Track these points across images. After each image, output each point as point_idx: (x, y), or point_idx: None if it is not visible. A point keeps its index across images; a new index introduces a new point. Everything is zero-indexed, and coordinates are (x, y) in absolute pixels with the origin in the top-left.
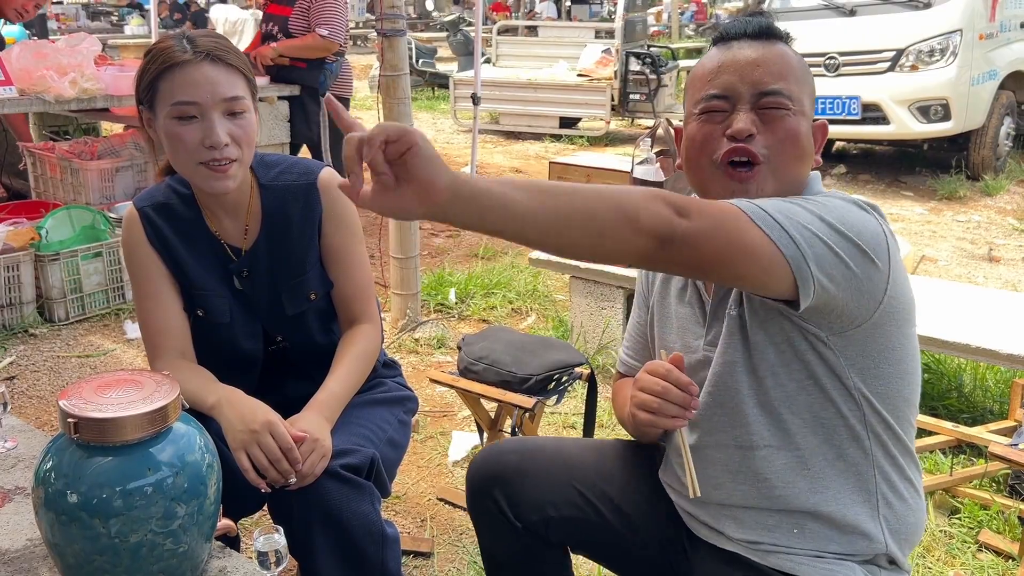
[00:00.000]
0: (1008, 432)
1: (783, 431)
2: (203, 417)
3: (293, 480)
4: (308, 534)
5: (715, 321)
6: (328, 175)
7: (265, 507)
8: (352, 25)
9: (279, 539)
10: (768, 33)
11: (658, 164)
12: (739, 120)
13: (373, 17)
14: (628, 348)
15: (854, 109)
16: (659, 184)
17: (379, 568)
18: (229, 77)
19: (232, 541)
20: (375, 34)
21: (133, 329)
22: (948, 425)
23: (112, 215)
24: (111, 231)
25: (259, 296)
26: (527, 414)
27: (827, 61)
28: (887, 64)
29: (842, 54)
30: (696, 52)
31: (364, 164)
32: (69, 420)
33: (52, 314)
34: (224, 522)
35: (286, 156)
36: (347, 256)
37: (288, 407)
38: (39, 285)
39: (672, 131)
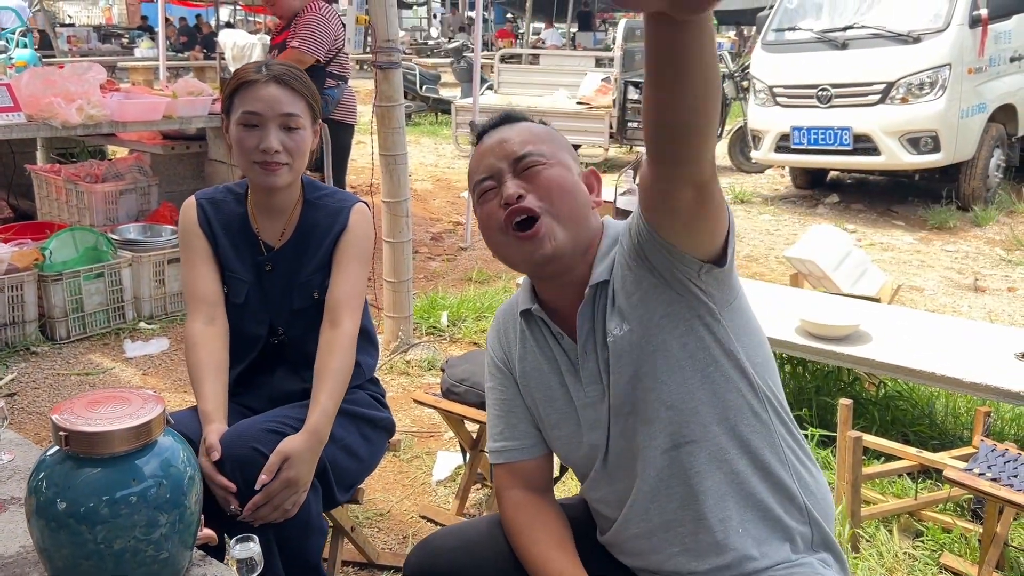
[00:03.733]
0: (969, 458)
1: (702, 424)
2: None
3: (232, 508)
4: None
5: (587, 360)
6: (362, 208)
7: None
8: (359, 52)
9: (254, 547)
10: (509, 119)
11: (633, 198)
12: (507, 188)
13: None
14: (498, 433)
15: (846, 140)
16: (628, 214)
17: (299, 554)
18: (290, 97)
19: (214, 550)
20: None
21: (132, 348)
22: (912, 450)
23: (115, 237)
24: (113, 252)
25: (275, 288)
26: None
27: (819, 93)
28: (878, 96)
29: (834, 86)
30: None
31: None
32: (60, 433)
33: (54, 333)
34: (206, 532)
35: (337, 188)
36: (346, 267)
37: (275, 400)
38: (42, 304)
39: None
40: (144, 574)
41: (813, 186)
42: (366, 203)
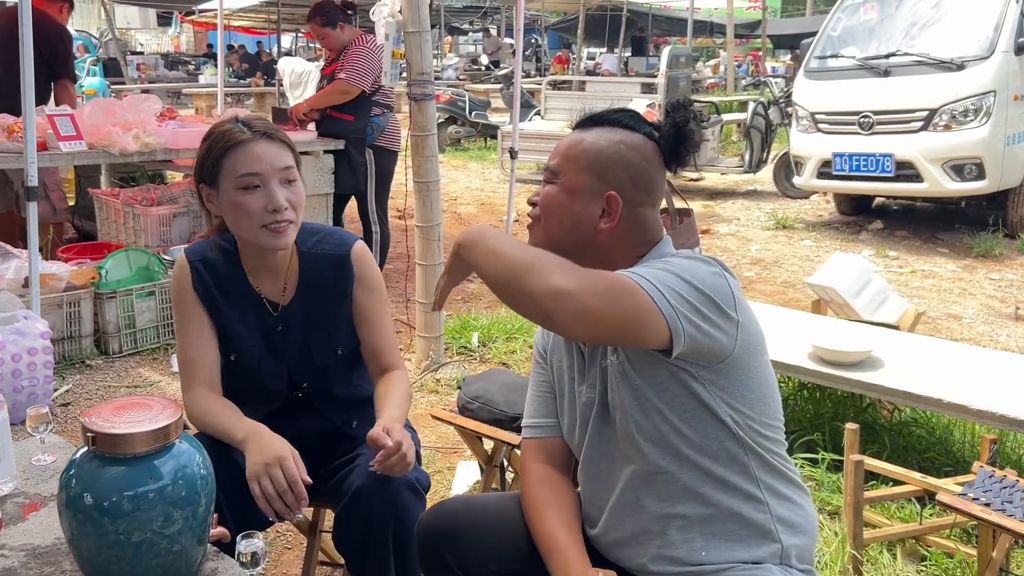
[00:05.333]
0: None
1: (677, 458)
2: (231, 447)
3: (299, 517)
4: (383, 536)
5: (591, 367)
6: (361, 247)
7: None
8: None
9: (258, 542)
10: (591, 121)
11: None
12: (542, 187)
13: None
14: (532, 411)
15: (887, 166)
16: None
17: (414, 571)
18: (281, 151)
19: (226, 547)
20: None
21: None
22: (917, 475)
23: (167, 257)
24: (164, 272)
25: (290, 348)
26: (514, 450)
27: (861, 119)
28: (920, 123)
29: (876, 113)
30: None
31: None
32: (88, 434)
33: (107, 347)
34: (219, 529)
35: (324, 226)
36: (376, 317)
37: (301, 440)
38: (97, 320)
39: (673, 190)
40: (159, 564)
41: (858, 212)
42: (358, 237)
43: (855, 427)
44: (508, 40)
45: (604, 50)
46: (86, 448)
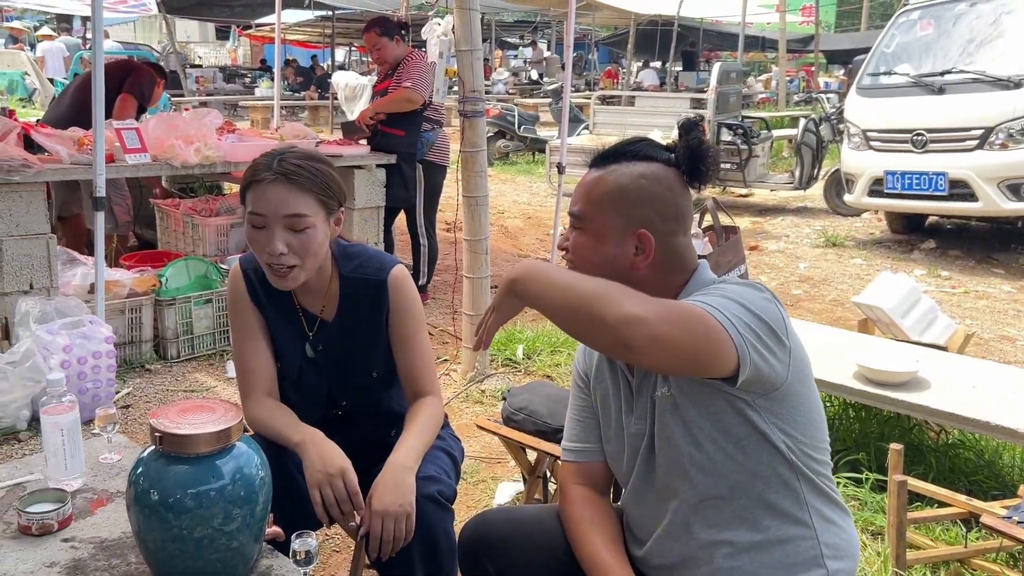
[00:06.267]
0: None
1: (729, 485)
2: (283, 449)
3: (354, 524)
4: (407, 549)
5: (640, 397)
6: (398, 272)
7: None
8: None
9: (311, 541)
10: (605, 158)
11: (705, 239)
12: (569, 231)
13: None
14: (573, 434)
15: (941, 185)
16: (703, 258)
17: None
18: (297, 196)
19: (281, 545)
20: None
21: (234, 369)
22: (961, 498)
23: (224, 266)
24: (221, 281)
25: (329, 367)
26: (557, 461)
27: (915, 137)
28: (976, 142)
29: (930, 131)
30: (795, 121)
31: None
32: (156, 434)
33: (166, 352)
34: (274, 528)
35: (366, 248)
36: (412, 342)
37: (345, 450)
38: (156, 326)
39: (718, 207)
40: (219, 559)
41: (910, 231)
42: (398, 261)
43: (899, 447)
44: (549, 54)
45: (641, 65)
46: (153, 447)
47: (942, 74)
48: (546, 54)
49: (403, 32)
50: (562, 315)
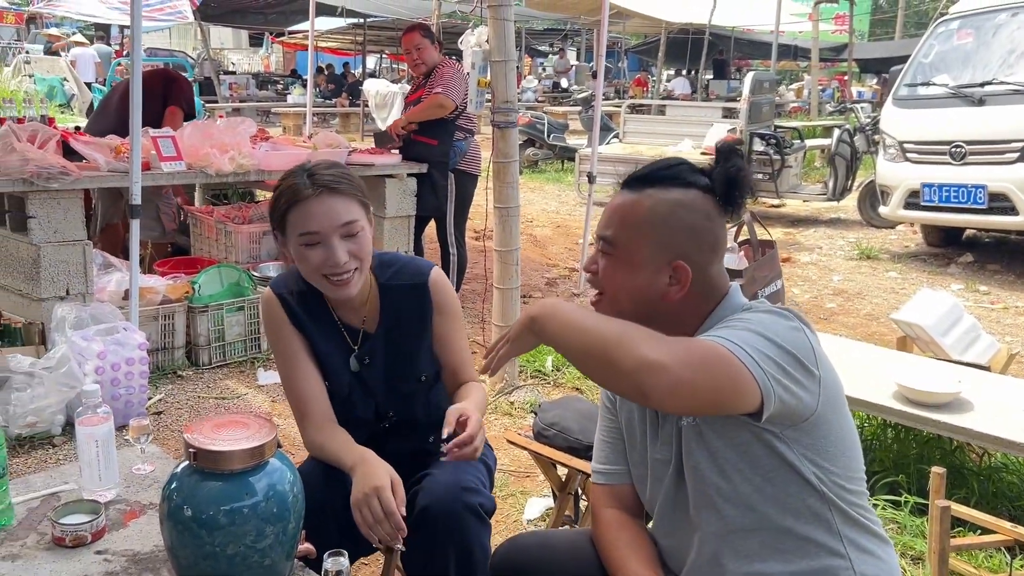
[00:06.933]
0: None
1: (758, 517)
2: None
3: (398, 546)
4: (445, 559)
5: (665, 424)
6: (437, 274)
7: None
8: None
9: (343, 561)
10: (636, 181)
11: (741, 253)
12: (596, 255)
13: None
14: (603, 456)
15: (980, 198)
16: (739, 272)
17: None
18: (345, 204)
19: (312, 563)
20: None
21: (265, 376)
22: (1007, 524)
23: (256, 274)
24: (253, 288)
25: (375, 378)
26: (588, 478)
27: (953, 149)
28: (1017, 154)
29: (969, 143)
30: (828, 131)
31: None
32: (190, 450)
33: (198, 359)
34: (306, 546)
35: (399, 256)
36: (453, 340)
37: (389, 459)
38: (189, 332)
39: (756, 220)
40: None
41: (947, 244)
42: (433, 264)
43: (941, 471)
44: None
45: (672, 73)
46: (187, 462)
47: (982, 85)
48: (573, 63)
49: (440, 42)
50: (579, 358)
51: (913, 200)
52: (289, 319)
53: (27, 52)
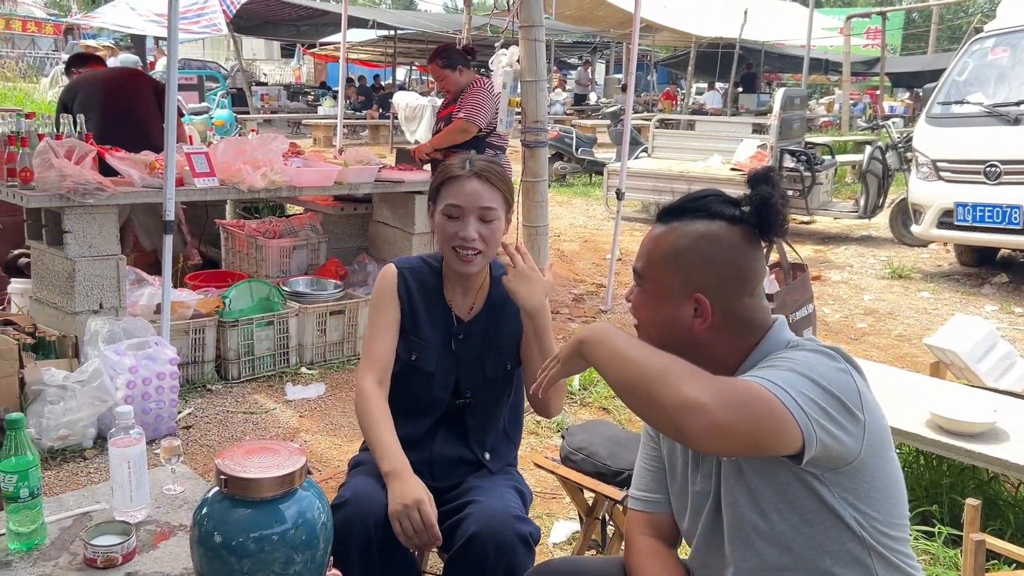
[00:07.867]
0: None
1: (795, 558)
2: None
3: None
4: None
5: (707, 457)
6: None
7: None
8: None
9: None
10: (669, 213)
11: (772, 276)
12: (634, 287)
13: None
14: (643, 483)
15: (1015, 218)
16: (770, 296)
17: None
18: (489, 192)
19: None
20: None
21: (293, 391)
22: None
23: (285, 288)
24: (283, 303)
25: (466, 357)
26: (616, 504)
27: (988, 169)
28: None
29: (1004, 162)
30: (859, 146)
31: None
32: (221, 477)
33: (227, 373)
34: (334, 572)
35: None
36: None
37: (433, 465)
38: (219, 347)
39: (787, 243)
40: None
41: (980, 264)
42: None
43: (976, 503)
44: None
45: (705, 87)
46: (217, 488)
47: (1018, 103)
48: (596, 77)
49: (469, 58)
50: (622, 389)
51: (946, 220)
52: (397, 290)
53: (64, 63)
